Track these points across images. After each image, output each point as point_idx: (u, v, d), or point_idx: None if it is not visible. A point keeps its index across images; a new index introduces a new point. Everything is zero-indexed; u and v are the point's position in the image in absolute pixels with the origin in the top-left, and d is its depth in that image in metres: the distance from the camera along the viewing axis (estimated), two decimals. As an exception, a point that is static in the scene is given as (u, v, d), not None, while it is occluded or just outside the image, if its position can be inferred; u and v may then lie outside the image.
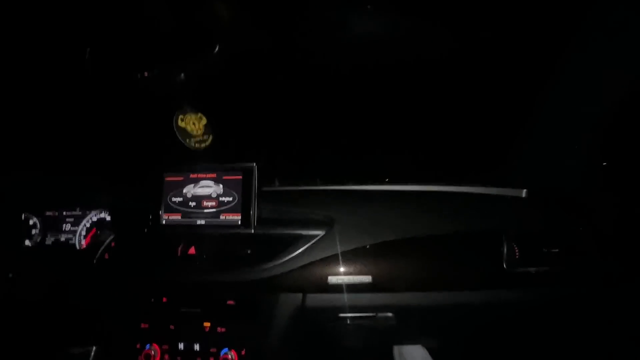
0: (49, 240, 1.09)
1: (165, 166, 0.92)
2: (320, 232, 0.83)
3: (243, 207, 0.87)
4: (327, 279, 0.79)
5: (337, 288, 0.78)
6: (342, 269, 0.79)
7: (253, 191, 0.87)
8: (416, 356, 1.21)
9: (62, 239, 1.09)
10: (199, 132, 0.89)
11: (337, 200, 0.88)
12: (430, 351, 0.99)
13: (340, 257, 0.80)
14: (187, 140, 0.86)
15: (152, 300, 0.86)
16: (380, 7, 0.83)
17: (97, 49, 0.71)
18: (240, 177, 0.89)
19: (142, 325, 0.86)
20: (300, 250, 0.81)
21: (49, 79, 0.86)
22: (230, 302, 0.84)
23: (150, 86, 0.75)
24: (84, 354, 1.26)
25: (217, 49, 0.63)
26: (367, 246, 0.81)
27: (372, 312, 0.81)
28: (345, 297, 0.80)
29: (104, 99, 0.87)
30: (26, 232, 1.07)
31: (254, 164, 0.89)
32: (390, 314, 0.82)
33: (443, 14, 0.87)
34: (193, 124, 0.87)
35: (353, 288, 0.78)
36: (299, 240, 0.83)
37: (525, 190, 0.95)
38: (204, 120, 0.89)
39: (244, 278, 0.80)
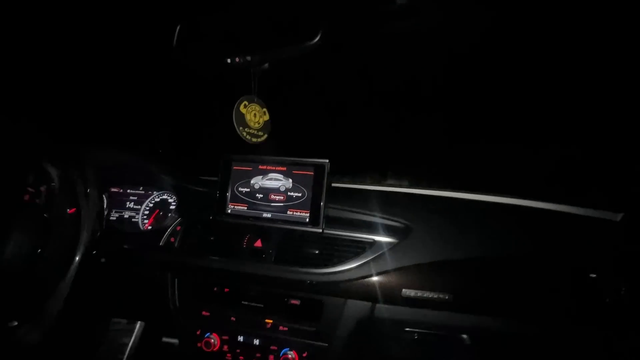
0: (114, 216, 1.12)
1: (234, 154, 0.90)
2: (394, 240, 0.78)
3: (312, 205, 0.83)
4: (400, 291, 0.74)
5: (411, 302, 0.73)
6: (417, 282, 0.74)
7: (324, 189, 0.83)
8: None
9: (126, 215, 1.12)
10: (256, 125, 0.83)
11: (416, 206, 0.82)
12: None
13: (417, 270, 0.74)
14: (241, 128, 0.80)
15: (215, 289, 0.86)
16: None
17: (188, 29, 0.68)
18: (312, 173, 0.85)
19: (203, 313, 0.86)
20: (372, 257, 0.76)
21: (130, 58, 0.86)
22: (294, 301, 0.82)
23: (233, 72, 0.72)
24: (130, 328, 1.31)
25: (317, 38, 0.58)
26: (448, 260, 0.75)
27: (446, 332, 0.76)
28: (419, 313, 0.74)
29: (182, 82, 0.86)
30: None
31: (327, 161, 0.84)
32: (465, 336, 0.75)
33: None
34: (254, 115, 0.82)
35: (428, 304, 0.73)
36: (371, 245, 0.78)
37: (621, 214, 0.84)
38: (267, 117, 0.84)
39: (310, 279, 0.77)
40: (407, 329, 0.79)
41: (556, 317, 0.71)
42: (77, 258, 0.84)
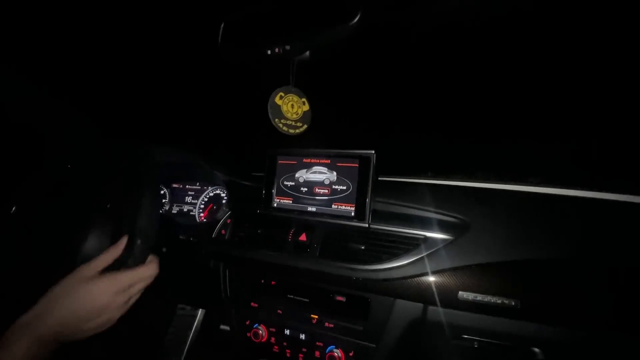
0: (175, 209, 1.22)
1: (278, 148, 0.91)
2: (450, 237, 0.70)
3: (358, 198, 0.79)
4: (457, 293, 0.66)
5: (469, 306, 0.65)
6: (477, 285, 0.65)
7: (370, 182, 0.78)
8: None
9: (185, 209, 1.20)
10: (295, 117, 0.79)
11: (474, 199, 0.73)
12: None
13: (476, 270, 0.66)
14: (277, 120, 0.77)
15: (262, 281, 0.87)
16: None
17: (231, 25, 0.69)
18: (357, 165, 0.81)
19: (252, 304, 0.88)
20: (424, 255, 0.70)
21: (180, 58, 0.91)
22: (340, 298, 0.79)
23: (275, 63, 0.71)
24: (193, 314, 1.41)
25: (357, 18, 0.54)
26: (513, 261, 0.65)
27: (513, 342, 0.66)
28: (479, 319, 0.66)
29: (229, 77, 0.88)
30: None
31: (373, 152, 0.80)
32: (537, 350, 0.65)
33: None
34: (291, 106, 0.79)
35: (490, 309, 0.64)
36: (423, 242, 0.71)
37: None
38: (306, 107, 0.80)
39: (356, 275, 0.73)
40: (466, 336, 0.70)
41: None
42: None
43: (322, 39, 0.59)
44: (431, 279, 0.68)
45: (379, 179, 0.85)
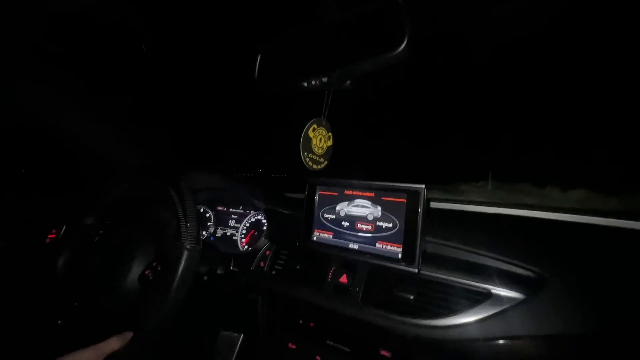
0: (219, 233, 1.23)
1: (319, 177, 0.85)
2: (520, 295, 0.58)
3: (405, 238, 0.70)
4: (530, 368, 0.53)
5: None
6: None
7: (419, 220, 0.69)
8: None
9: (228, 233, 1.21)
10: (320, 151, 0.73)
11: (555, 243, 0.60)
12: None
13: (555, 342, 0.53)
14: (305, 153, 0.71)
15: (301, 322, 0.82)
16: None
17: (266, 58, 0.66)
18: (404, 200, 0.72)
19: (290, 345, 0.83)
20: (487, 315, 0.58)
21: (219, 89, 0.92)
22: (385, 352, 0.70)
23: (312, 95, 0.66)
24: (234, 338, 1.40)
25: (402, 46, 0.46)
26: (607, 332, 0.51)
27: None
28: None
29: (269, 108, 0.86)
30: (204, 223, 1.22)
31: (423, 186, 0.70)
32: None
33: None
34: (319, 140, 0.73)
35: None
36: (484, 298, 0.60)
37: None
38: (330, 142, 0.73)
39: (402, 330, 0.64)
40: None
41: None
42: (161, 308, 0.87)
43: (362, 69, 0.53)
44: (494, 346, 0.56)
45: (431, 207, 0.75)
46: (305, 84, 0.59)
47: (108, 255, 0.82)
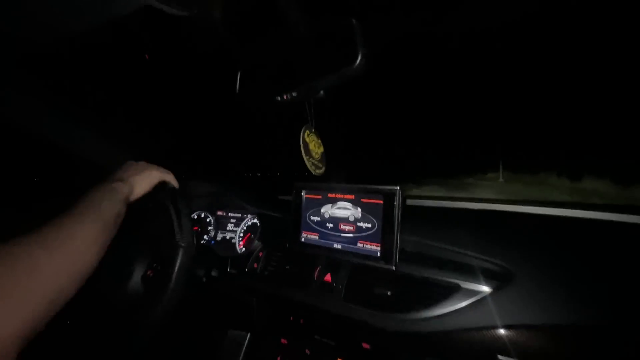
0: (219, 236, 1.29)
1: (305, 182, 0.90)
2: (488, 288, 0.61)
3: (383, 237, 0.74)
4: (495, 356, 0.56)
5: (512, 374, 0.55)
6: (520, 349, 0.55)
7: (396, 220, 0.73)
8: None
9: (227, 237, 1.27)
10: (317, 157, 0.78)
11: (522, 237, 0.63)
12: None
13: (519, 332, 0.56)
14: (307, 157, 0.77)
15: (291, 318, 0.87)
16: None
17: (245, 74, 0.71)
18: (381, 201, 0.76)
19: (282, 341, 0.88)
20: (456, 308, 0.61)
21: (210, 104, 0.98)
22: (366, 345, 0.74)
23: (289, 105, 0.70)
24: (241, 337, 1.46)
25: (358, 60, 0.50)
26: (569, 325, 0.53)
27: None
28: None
29: (255, 119, 0.91)
30: (205, 228, 1.29)
31: (398, 188, 0.73)
32: None
33: None
34: (314, 145, 0.78)
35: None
36: (455, 292, 0.63)
37: None
38: (322, 149, 0.78)
39: (381, 324, 0.68)
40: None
41: None
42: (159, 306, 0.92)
43: (327, 83, 0.57)
44: (462, 337, 0.59)
45: (408, 204, 0.79)
46: (279, 98, 0.63)
47: (111, 262, 0.89)
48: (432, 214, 0.88)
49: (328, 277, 0.79)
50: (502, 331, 0.57)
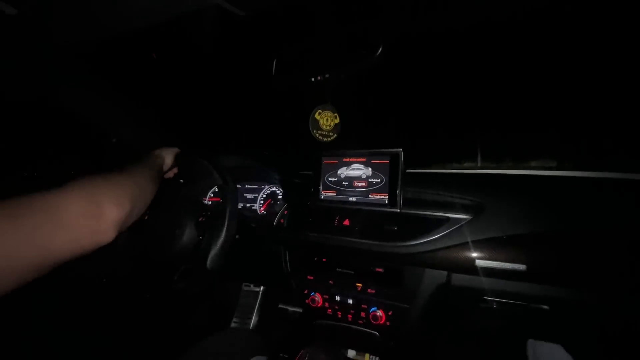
0: (240, 206, 1.48)
1: (323, 150, 1.10)
2: (468, 216, 0.85)
3: (390, 189, 0.97)
4: (474, 261, 0.81)
5: (486, 272, 0.80)
6: (491, 254, 0.80)
7: (399, 174, 0.95)
8: (553, 356, 1.10)
9: (247, 205, 1.46)
10: (328, 128, 1.00)
11: (489, 185, 0.87)
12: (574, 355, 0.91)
13: (490, 243, 0.80)
14: (314, 131, 0.99)
15: (315, 259, 1.09)
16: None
17: (281, 59, 0.91)
18: (388, 161, 0.98)
19: (309, 277, 1.10)
20: (446, 232, 0.85)
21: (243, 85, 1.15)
22: (379, 269, 0.98)
23: (316, 87, 0.91)
24: (256, 290, 1.67)
25: (379, 51, 0.71)
26: (521, 234, 0.79)
27: (524, 301, 0.80)
28: (495, 282, 0.81)
29: (280, 97, 1.10)
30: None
31: (401, 150, 0.96)
32: (545, 307, 0.78)
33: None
34: (326, 120, 1.00)
35: (504, 274, 0.78)
36: (445, 222, 0.87)
37: None
38: (337, 120, 1.01)
39: (390, 251, 0.91)
40: (486, 298, 0.85)
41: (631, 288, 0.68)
42: (222, 237, 1.13)
43: (354, 68, 0.78)
44: (452, 251, 0.84)
45: (408, 171, 1.02)
46: (313, 79, 0.84)
47: (162, 225, 1.04)
48: (425, 176, 1.11)
49: (347, 222, 1.01)
50: (478, 244, 0.82)
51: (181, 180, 1.22)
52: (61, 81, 1.16)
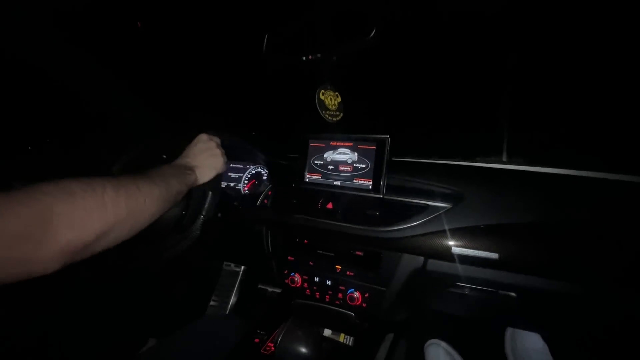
0: (223, 184, 1.46)
1: (310, 133, 1.10)
2: (447, 205, 0.87)
3: (374, 174, 0.98)
4: (450, 248, 0.84)
5: (460, 259, 0.83)
6: (467, 242, 0.83)
7: (384, 161, 0.96)
8: (530, 345, 1.18)
9: (231, 184, 1.45)
10: (333, 107, 1.01)
11: (469, 176, 0.90)
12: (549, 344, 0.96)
13: (466, 231, 0.83)
14: (324, 112, 0.99)
15: (297, 240, 1.09)
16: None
17: (273, 37, 0.88)
18: (374, 147, 0.99)
19: (289, 258, 1.11)
20: (426, 219, 0.88)
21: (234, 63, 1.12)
22: (358, 252, 1.00)
23: (309, 66, 0.89)
24: (237, 270, 1.68)
25: (372, 33, 0.71)
26: (496, 224, 0.82)
27: (495, 288, 0.84)
28: (468, 269, 0.84)
29: (271, 78, 1.08)
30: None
31: (387, 137, 0.97)
32: (513, 294, 0.82)
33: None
34: (330, 99, 1.00)
35: (476, 262, 0.82)
36: (425, 209, 0.89)
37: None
38: (339, 99, 1.01)
39: (371, 235, 0.93)
40: (459, 284, 0.89)
41: (599, 279, 0.73)
42: (203, 214, 1.13)
43: (347, 49, 0.77)
44: (429, 238, 0.86)
45: (393, 159, 1.03)
46: (304, 58, 0.82)
47: None
48: (409, 164, 1.12)
49: (330, 205, 1.02)
50: (455, 232, 0.85)
51: (164, 156, 1.20)
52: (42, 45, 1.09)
